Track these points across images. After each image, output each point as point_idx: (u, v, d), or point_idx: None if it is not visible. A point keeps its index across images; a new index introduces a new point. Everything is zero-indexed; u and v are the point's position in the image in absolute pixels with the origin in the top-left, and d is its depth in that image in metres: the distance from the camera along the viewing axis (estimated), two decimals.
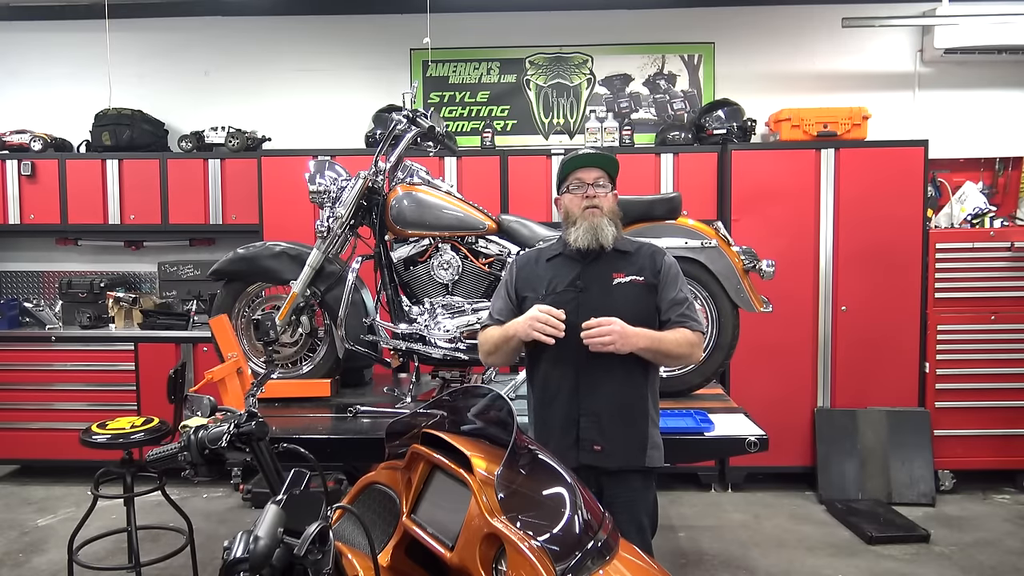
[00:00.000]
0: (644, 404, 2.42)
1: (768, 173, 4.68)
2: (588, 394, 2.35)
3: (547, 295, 2.40)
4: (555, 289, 2.40)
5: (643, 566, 1.67)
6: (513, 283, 2.52)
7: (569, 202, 2.44)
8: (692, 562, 3.84)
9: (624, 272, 2.40)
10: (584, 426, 2.35)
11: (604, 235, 2.38)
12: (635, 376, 2.38)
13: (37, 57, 5.62)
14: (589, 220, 2.38)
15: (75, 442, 3.39)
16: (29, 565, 3.88)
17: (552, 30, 5.39)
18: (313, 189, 3.24)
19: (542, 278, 2.45)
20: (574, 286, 2.39)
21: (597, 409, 2.35)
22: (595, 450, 2.33)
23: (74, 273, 5.48)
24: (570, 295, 2.38)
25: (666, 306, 2.41)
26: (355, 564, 1.69)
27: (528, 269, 2.51)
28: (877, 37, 5.23)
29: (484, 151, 5.10)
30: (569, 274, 2.41)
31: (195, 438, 1.75)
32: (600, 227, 2.38)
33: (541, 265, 2.49)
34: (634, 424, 2.40)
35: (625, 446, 2.37)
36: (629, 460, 2.38)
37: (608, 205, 2.42)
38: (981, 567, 3.77)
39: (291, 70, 5.50)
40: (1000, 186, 5.23)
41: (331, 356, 3.36)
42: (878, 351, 4.68)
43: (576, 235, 2.39)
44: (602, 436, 2.34)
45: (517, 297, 2.49)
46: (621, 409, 2.37)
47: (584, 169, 2.44)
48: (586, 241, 2.37)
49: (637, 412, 2.40)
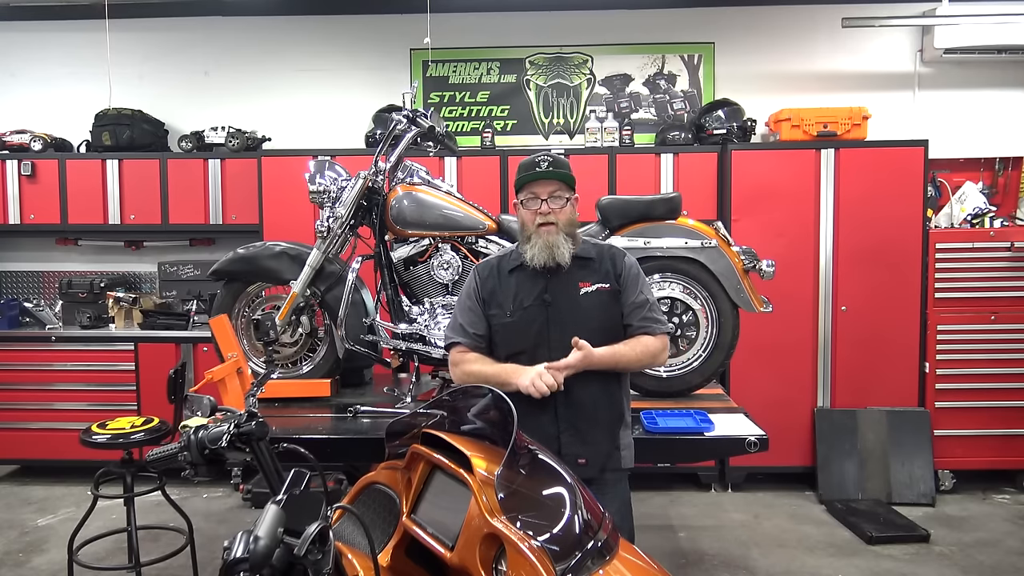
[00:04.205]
0: (620, 408, 2.43)
1: (768, 173, 4.68)
2: (566, 407, 2.32)
3: (515, 311, 2.36)
4: (522, 304, 2.37)
5: (643, 566, 1.67)
6: (479, 294, 2.45)
7: (523, 216, 2.40)
8: (692, 562, 3.84)
9: (589, 281, 2.37)
10: (566, 441, 2.32)
11: (560, 253, 2.33)
12: (608, 384, 2.38)
13: (37, 57, 5.62)
14: (544, 238, 2.33)
15: (75, 442, 3.39)
16: (29, 565, 3.88)
17: (552, 30, 5.39)
18: (313, 189, 3.24)
19: (508, 293, 2.40)
20: (542, 300, 2.36)
21: (576, 421, 2.33)
22: (580, 463, 2.29)
23: (74, 273, 5.48)
24: (538, 310, 2.35)
25: (627, 310, 2.38)
26: (355, 564, 1.69)
27: (492, 281, 2.45)
28: (877, 37, 5.23)
29: (484, 151, 5.10)
30: (535, 288, 2.37)
31: (195, 438, 1.74)
32: (555, 245, 2.33)
33: (504, 276, 2.44)
34: (610, 429, 2.40)
35: (604, 453, 2.38)
36: (605, 464, 2.38)
37: (564, 218, 2.36)
38: (981, 567, 3.77)
39: (291, 70, 5.50)
40: (1000, 186, 5.23)
41: (331, 356, 3.36)
42: (878, 351, 4.68)
43: (532, 253, 2.35)
44: (584, 448, 2.33)
45: (485, 310, 2.43)
46: (599, 418, 2.36)
47: (539, 183, 2.38)
48: (542, 259, 2.33)
49: (614, 417, 2.41)
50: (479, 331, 2.42)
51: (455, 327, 2.48)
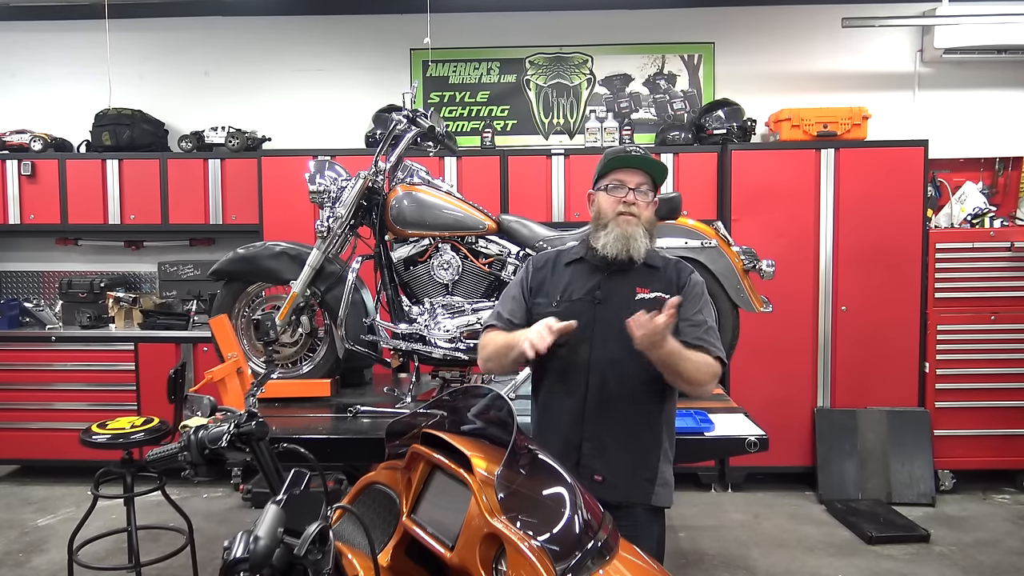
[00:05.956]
0: (657, 435, 2.19)
1: (768, 173, 4.68)
2: (594, 417, 2.13)
3: (561, 302, 2.17)
4: (570, 297, 2.18)
5: (643, 566, 1.67)
6: (528, 283, 2.27)
7: (604, 202, 2.18)
8: (692, 562, 3.84)
9: (649, 287, 2.16)
10: (586, 452, 2.13)
11: (636, 247, 2.14)
12: (648, 403, 2.16)
13: (37, 57, 5.62)
14: (623, 227, 2.13)
15: (75, 442, 3.39)
16: (29, 565, 3.88)
17: (552, 30, 5.39)
18: (313, 189, 3.24)
19: (558, 284, 2.22)
20: (592, 296, 2.16)
21: (602, 435, 2.13)
22: (596, 480, 2.11)
23: (74, 273, 5.47)
24: (586, 306, 2.15)
25: (683, 325, 2.11)
26: (355, 564, 1.69)
27: (544, 271, 2.28)
28: (877, 37, 5.23)
29: (484, 151, 5.10)
30: (588, 283, 2.18)
31: (195, 438, 1.74)
32: (633, 237, 2.13)
33: (559, 269, 2.26)
34: (643, 455, 2.17)
35: (630, 478, 2.15)
36: (630, 494, 2.14)
37: (647, 215, 2.17)
38: (981, 567, 3.77)
39: (291, 70, 5.50)
40: (1000, 186, 5.23)
41: (331, 356, 3.36)
42: (878, 351, 4.68)
43: (605, 241, 2.14)
44: (606, 465, 2.13)
45: (531, 300, 2.26)
46: (629, 438, 2.14)
47: (628, 170, 2.17)
48: (615, 250, 2.13)
49: (648, 443, 2.17)
50: (516, 319, 2.23)
51: (493, 314, 2.31)
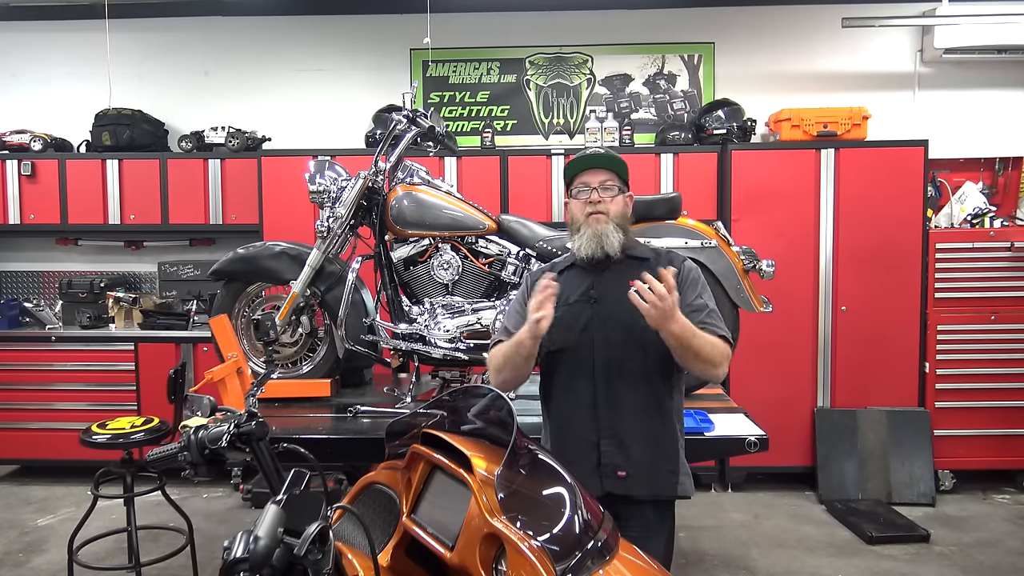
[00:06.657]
0: (671, 426, 2.23)
1: (768, 173, 4.68)
2: (607, 414, 2.17)
3: (559, 307, 2.18)
4: (568, 301, 2.22)
5: (643, 566, 1.67)
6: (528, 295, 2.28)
7: (574, 207, 2.26)
8: (692, 562, 3.84)
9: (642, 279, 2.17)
10: (605, 449, 2.16)
11: (609, 243, 2.19)
12: (658, 395, 2.20)
13: (37, 57, 5.62)
14: (593, 227, 2.20)
15: (75, 442, 3.39)
16: (29, 565, 3.88)
17: (552, 30, 5.39)
18: (313, 189, 3.24)
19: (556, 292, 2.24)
20: (588, 296, 2.22)
21: (618, 431, 2.16)
22: (619, 476, 2.14)
23: (74, 273, 5.47)
24: (583, 306, 2.21)
25: (684, 312, 2.08)
26: (355, 564, 1.69)
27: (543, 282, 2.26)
28: (877, 37, 5.22)
29: (484, 151, 5.10)
30: (582, 285, 2.25)
31: (195, 438, 1.74)
32: (604, 234, 2.19)
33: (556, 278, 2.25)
34: (662, 447, 2.20)
35: (654, 472, 2.17)
36: (657, 487, 2.18)
37: (616, 209, 2.22)
38: (981, 567, 3.77)
39: (291, 70, 5.50)
40: (1000, 186, 5.23)
41: (331, 356, 3.36)
42: (878, 351, 4.68)
43: (580, 243, 2.22)
44: (627, 461, 2.15)
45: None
46: (645, 431, 2.17)
47: (589, 171, 2.25)
48: (590, 250, 2.20)
49: (664, 435, 2.20)
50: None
51: (499, 330, 2.35)
